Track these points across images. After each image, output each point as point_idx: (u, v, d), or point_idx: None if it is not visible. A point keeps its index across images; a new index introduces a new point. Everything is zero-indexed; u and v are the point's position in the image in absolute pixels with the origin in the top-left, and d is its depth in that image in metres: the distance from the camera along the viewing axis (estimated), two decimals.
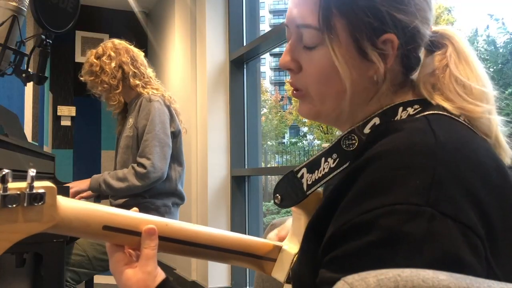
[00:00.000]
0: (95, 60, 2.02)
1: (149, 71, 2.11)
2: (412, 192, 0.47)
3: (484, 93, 0.60)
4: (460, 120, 0.57)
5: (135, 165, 1.89)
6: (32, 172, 0.52)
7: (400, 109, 0.59)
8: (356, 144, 0.61)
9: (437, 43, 0.64)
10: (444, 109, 0.58)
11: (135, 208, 0.69)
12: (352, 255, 0.48)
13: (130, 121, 2.00)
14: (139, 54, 2.10)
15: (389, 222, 0.46)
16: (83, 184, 1.95)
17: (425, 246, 0.45)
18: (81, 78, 2.08)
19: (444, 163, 0.49)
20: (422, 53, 0.64)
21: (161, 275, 0.63)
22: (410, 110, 0.59)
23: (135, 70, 2.03)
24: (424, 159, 0.49)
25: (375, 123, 0.61)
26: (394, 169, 0.49)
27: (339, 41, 0.59)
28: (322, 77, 0.62)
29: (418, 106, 0.59)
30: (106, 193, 1.96)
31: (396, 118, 0.59)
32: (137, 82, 2.02)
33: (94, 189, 1.93)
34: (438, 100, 0.59)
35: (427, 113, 0.57)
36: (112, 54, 2.02)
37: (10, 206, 0.51)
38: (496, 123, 0.61)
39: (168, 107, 1.99)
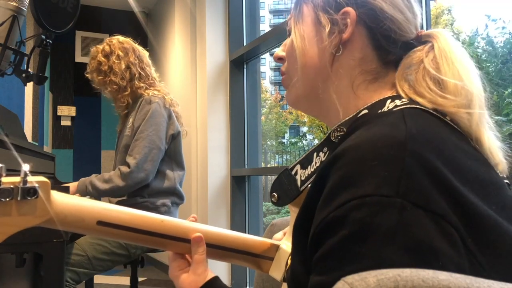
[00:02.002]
0: (103, 59, 1.99)
1: (153, 72, 2.09)
2: (381, 184, 0.46)
3: (460, 87, 0.58)
4: (446, 120, 0.57)
5: (121, 166, 1.88)
6: (25, 166, 0.53)
7: (389, 101, 0.60)
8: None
9: (422, 41, 0.64)
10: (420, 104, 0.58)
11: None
12: (330, 253, 0.48)
13: (130, 120, 2.00)
14: (145, 54, 2.08)
15: (360, 215, 0.46)
16: (71, 186, 1.92)
17: (397, 237, 0.45)
18: (87, 75, 2.04)
19: (414, 154, 0.48)
20: (402, 49, 0.65)
21: (210, 275, 0.70)
22: (398, 102, 0.58)
23: (141, 72, 2.01)
24: (393, 151, 0.48)
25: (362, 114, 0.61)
26: (363, 162, 0.49)
27: (302, 19, 0.69)
28: (294, 55, 0.69)
29: (406, 100, 0.59)
30: (93, 195, 1.93)
31: (383, 110, 0.59)
32: (141, 84, 2.00)
33: (81, 191, 1.91)
34: (412, 95, 0.59)
35: (404, 106, 0.57)
36: (121, 53, 1.99)
37: (3, 199, 0.53)
38: (477, 120, 0.58)
39: (168, 110, 1.98)
